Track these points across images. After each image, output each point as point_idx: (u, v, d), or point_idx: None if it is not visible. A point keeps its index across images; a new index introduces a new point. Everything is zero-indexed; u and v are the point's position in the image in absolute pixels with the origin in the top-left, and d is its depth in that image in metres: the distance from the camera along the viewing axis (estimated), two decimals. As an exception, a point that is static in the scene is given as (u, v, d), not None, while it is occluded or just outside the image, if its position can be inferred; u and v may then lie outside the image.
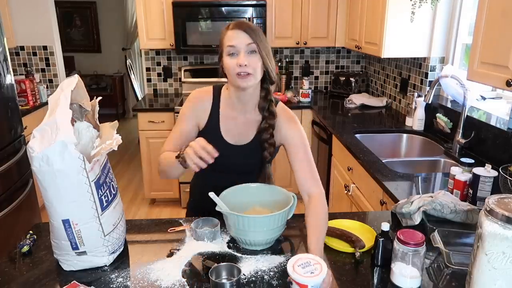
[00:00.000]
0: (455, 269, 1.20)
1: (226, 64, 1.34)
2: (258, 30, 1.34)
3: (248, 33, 1.31)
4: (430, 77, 2.78)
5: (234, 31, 1.32)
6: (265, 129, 1.41)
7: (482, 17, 1.64)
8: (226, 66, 1.34)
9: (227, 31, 1.35)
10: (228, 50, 1.32)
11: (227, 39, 1.33)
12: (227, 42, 1.33)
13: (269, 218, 1.25)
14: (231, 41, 1.31)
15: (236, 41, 1.31)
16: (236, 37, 1.31)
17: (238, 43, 1.31)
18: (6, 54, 2.75)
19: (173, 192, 3.72)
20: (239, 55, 1.31)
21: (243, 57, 1.30)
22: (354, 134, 2.64)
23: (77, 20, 6.98)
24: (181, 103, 3.60)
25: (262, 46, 1.33)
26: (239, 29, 1.32)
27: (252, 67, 1.32)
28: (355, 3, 3.32)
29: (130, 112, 7.19)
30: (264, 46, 1.33)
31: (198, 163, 1.18)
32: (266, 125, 1.41)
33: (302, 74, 4.12)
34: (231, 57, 1.32)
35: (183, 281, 1.15)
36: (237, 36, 1.31)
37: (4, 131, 2.74)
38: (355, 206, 2.36)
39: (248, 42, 1.31)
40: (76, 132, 1.22)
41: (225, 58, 1.34)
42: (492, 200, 0.98)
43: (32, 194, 3.01)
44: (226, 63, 1.34)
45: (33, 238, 1.35)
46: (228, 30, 1.34)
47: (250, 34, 1.31)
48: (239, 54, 1.31)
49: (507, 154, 1.92)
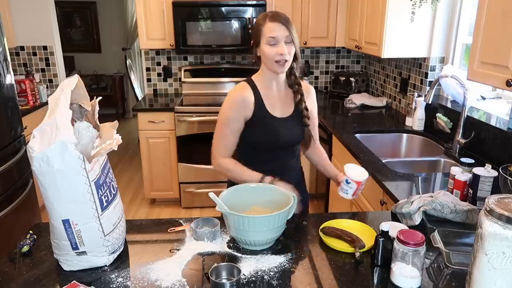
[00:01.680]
0: (455, 269, 1.20)
1: (266, 52, 1.51)
2: (291, 22, 1.52)
3: (286, 26, 1.49)
4: (430, 77, 2.77)
5: (274, 24, 1.49)
6: (300, 98, 1.63)
7: (482, 17, 1.64)
8: (265, 53, 1.51)
9: (266, 22, 1.50)
10: (268, 40, 1.49)
11: (268, 30, 1.49)
12: (268, 33, 1.49)
13: (269, 218, 1.25)
14: (273, 33, 1.48)
15: (276, 33, 1.48)
16: (277, 29, 1.48)
17: (278, 35, 1.48)
18: (6, 54, 2.75)
19: (173, 192, 3.72)
20: (279, 45, 1.49)
21: (284, 47, 1.49)
22: (354, 134, 2.64)
23: (77, 20, 6.98)
24: (181, 103, 3.60)
25: (295, 36, 1.51)
26: (279, 22, 1.48)
27: (289, 55, 1.51)
28: (355, 3, 3.32)
29: (130, 112, 7.19)
30: (296, 36, 1.52)
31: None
32: (298, 94, 1.63)
33: (302, 74, 4.11)
34: (271, 47, 1.50)
35: (183, 281, 1.15)
36: (278, 29, 1.48)
37: (4, 131, 2.74)
38: (355, 206, 2.36)
39: (286, 34, 1.49)
40: (76, 132, 1.22)
41: (265, 47, 1.51)
42: (492, 200, 0.98)
43: (32, 194, 3.01)
44: (266, 51, 1.51)
45: (33, 238, 1.35)
46: (268, 22, 1.50)
47: (288, 27, 1.49)
48: (278, 44, 1.49)
49: (507, 154, 1.92)
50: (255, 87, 1.61)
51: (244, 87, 1.61)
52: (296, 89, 1.63)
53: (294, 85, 1.63)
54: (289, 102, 1.64)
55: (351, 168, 1.54)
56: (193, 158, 3.56)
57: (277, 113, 1.62)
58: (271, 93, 1.62)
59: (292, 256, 1.28)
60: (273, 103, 1.62)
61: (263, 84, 1.61)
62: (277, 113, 1.62)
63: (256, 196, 1.45)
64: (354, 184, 1.50)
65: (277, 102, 1.63)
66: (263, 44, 1.51)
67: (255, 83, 1.62)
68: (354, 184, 1.50)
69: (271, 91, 1.62)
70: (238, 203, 1.40)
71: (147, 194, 3.76)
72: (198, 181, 3.60)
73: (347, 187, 1.52)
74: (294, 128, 1.64)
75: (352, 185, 1.51)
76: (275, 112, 1.61)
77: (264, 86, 1.61)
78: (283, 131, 1.61)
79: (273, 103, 1.62)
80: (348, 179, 1.50)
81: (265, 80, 1.61)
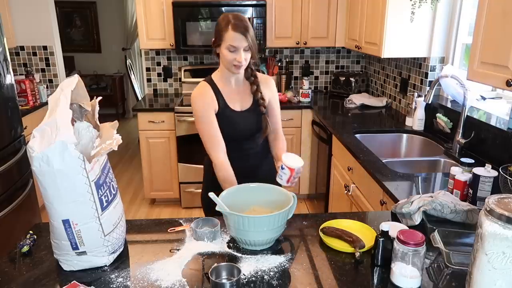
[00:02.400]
0: (455, 269, 1.20)
1: (225, 56, 1.64)
2: (250, 29, 1.63)
3: (246, 37, 1.61)
4: (430, 77, 2.78)
5: (236, 34, 1.60)
6: (255, 89, 1.76)
7: (482, 17, 1.64)
8: (225, 57, 1.64)
9: (229, 30, 1.60)
10: (228, 47, 1.62)
11: (229, 39, 1.61)
12: (229, 41, 1.61)
13: (269, 218, 1.25)
14: (233, 42, 1.60)
15: (236, 43, 1.61)
16: (237, 39, 1.60)
17: (238, 45, 1.61)
18: (6, 54, 2.75)
19: (173, 192, 3.72)
20: (237, 53, 1.62)
21: (241, 56, 1.62)
22: (354, 134, 2.64)
23: (77, 20, 6.98)
24: (181, 103, 3.60)
25: (253, 45, 1.64)
26: (240, 33, 1.60)
27: (246, 61, 1.65)
28: (355, 3, 3.32)
29: (130, 112, 7.19)
30: (254, 43, 1.65)
31: None
32: (254, 85, 1.77)
33: (302, 74, 4.12)
34: (231, 52, 1.63)
35: (183, 281, 1.15)
36: (238, 39, 1.60)
37: (4, 131, 2.74)
38: (355, 206, 2.36)
39: (245, 44, 1.62)
40: (76, 132, 1.22)
41: (225, 51, 1.63)
42: (492, 200, 0.98)
43: (32, 194, 3.01)
44: (225, 55, 1.64)
45: (33, 238, 1.35)
46: (231, 30, 1.60)
47: (247, 38, 1.61)
48: (237, 52, 1.62)
49: (507, 154, 1.92)
50: (215, 85, 1.74)
51: (204, 85, 1.74)
52: (252, 80, 1.76)
53: (250, 77, 1.77)
54: (248, 94, 1.78)
55: (289, 157, 1.63)
56: (193, 158, 3.56)
57: (237, 107, 1.75)
58: (230, 89, 1.76)
59: (292, 256, 1.28)
60: (233, 98, 1.75)
61: (222, 81, 1.75)
62: (237, 106, 1.76)
63: (256, 196, 1.45)
64: (287, 170, 1.60)
65: (236, 96, 1.76)
66: (223, 48, 1.63)
67: (215, 82, 1.75)
68: (287, 171, 1.60)
69: (230, 87, 1.76)
70: (238, 203, 1.40)
71: (147, 194, 3.76)
72: (198, 181, 3.59)
73: (282, 173, 1.62)
74: (253, 118, 1.77)
75: (286, 171, 1.60)
76: (235, 106, 1.75)
77: (223, 83, 1.75)
78: (243, 123, 1.76)
79: (233, 98, 1.75)
80: (283, 165, 1.60)
81: (224, 77, 1.75)
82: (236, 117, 1.74)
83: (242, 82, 1.79)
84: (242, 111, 1.76)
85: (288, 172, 1.60)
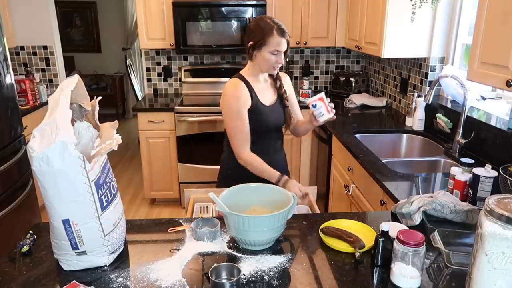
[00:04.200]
0: (455, 269, 1.20)
1: (267, 59, 1.74)
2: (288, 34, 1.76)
3: (288, 41, 1.74)
4: (430, 77, 2.78)
5: (283, 39, 1.71)
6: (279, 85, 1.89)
7: (482, 17, 1.64)
8: (266, 60, 1.74)
9: (275, 35, 1.70)
10: (273, 51, 1.72)
11: (276, 44, 1.70)
12: (275, 46, 1.71)
13: (269, 218, 1.25)
14: (279, 47, 1.71)
15: (281, 47, 1.72)
16: (282, 44, 1.71)
17: (282, 49, 1.72)
18: (6, 54, 2.75)
19: (173, 192, 3.72)
20: (279, 56, 1.73)
21: (282, 58, 1.75)
22: (354, 134, 2.64)
23: (77, 20, 6.98)
24: (181, 103, 3.60)
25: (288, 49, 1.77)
26: (286, 38, 1.72)
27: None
28: (355, 3, 3.32)
29: (130, 112, 7.19)
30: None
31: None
32: (278, 81, 1.90)
33: (302, 74, 4.11)
34: (273, 55, 1.73)
35: (183, 281, 1.15)
36: (283, 44, 1.72)
37: (4, 131, 2.74)
38: (355, 206, 2.36)
39: (286, 48, 1.74)
40: (76, 132, 1.22)
41: (267, 54, 1.73)
42: (492, 200, 0.98)
43: (32, 194, 3.01)
44: (267, 58, 1.73)
45: (33, 238, 1.35)
46: (277, 35, 1.70)
47: (288, 41, 1.74)
48: (279, 55, 1.73)
49: (507, 154, 1.92)
50: (247, 82, 1.81)
51: (238, 82, 1.80)
52: (276, 76, 1.89)
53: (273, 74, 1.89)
54: (273, 90, 1.90)
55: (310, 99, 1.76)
56: (193, 158, 3.56)
57: (266, 102, 1.85)
58: (260, 86, 1.85)
59: (292, 256, 1.28)
60: (263, 93, 1.85)
61: (252, 79, 1.83)
62: (266, 101, 1.85)
63: (256, 196, 1.45)
64: (319, 102, 1.70)
65: (265, 92, 1.86)
66: (265, 51, 1.72)
67: (246, 78, 1.82)
68: (320, 103, 1.70)
69: (259, 83, 1.85)
70: (238, 203, 1.40)
71: (147, 194, 3.76)
72: (198, 181, 3.60)
73: (318, 111, 1.71)
74: (279, 111, 1.89)
75: (319, 104, 1.70)
76: (265, 101, 1.84)
77: (254, 80, 1.83)
78: (272, 115, 1.86)
79: (263, 93, 1.85)
80: (313, 103, 1.70)
81: (254, 75, 1.83)
82: (267, 111, 1.83)
83: (267, 79, 1.90)
84: (270, 105, 1.86)
85: (321, 103, 1.70)
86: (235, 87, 1.79)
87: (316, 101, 1.71)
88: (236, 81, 1.80)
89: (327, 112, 1.72)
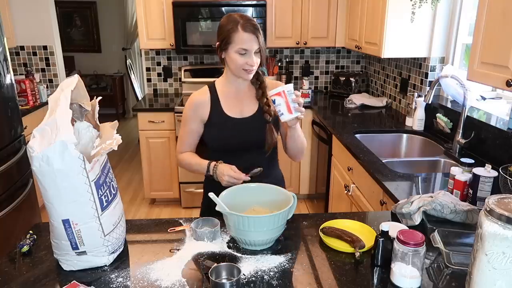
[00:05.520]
0: (455, 269, 1.20)
1: (234, 60, 1.51)
2: (260, 32, 1.52)
3: (257, 37, 1.49)
4: (430, 77, 2.78)
5: (247, 34, 1.47)
6: (261, 95, 1.61)
7: (482, 17, 1.64)
8: (234, 61, 1.51)
9: (239, 31, 1.48)
10: (239, 50, 1.49)
11: (240, 41, 1.48)
12: (240, 43, 1.48)
13: (269, 218, 1.25)
14: (244, 44, 1.48)
15: (248, 45, 1.48)
16: (248, 41, 1.48)
17: (249, 47, 1.48)
18: (6, 54, 2.75)
19: (173, 192, 3.72)
20: (249, 56, 1.50)
21: (253, 59, 1.50)
22: (354, 134, 2.64)
23: (77, 20, 6.98)
24: (181, 103, 3.60)
25: (263, 47, 1.52)
26: (252, 33, 1.48)
27: (256, 64, 1.53)
28: (355, 3, 3.32)
29: (130, 112, 7.19)
30: (264, 46, 1.53)
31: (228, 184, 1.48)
32: (260, 90, 1.62)
33: (302, 74, 4.12)
34: (241, 56, 1.50)
35: (183, 281, 1.15)
36: (250, 40, 1.48)
37: (4, 131, 2.74)
38: (355, 206, 2.36)
39: (257, 47, 1.50)
40: (76, 132, 1.22)
41: (234, 54, 1.50)
42: (492, 200, 0.98)
43: (32, 194, 3.01)
44: (235, 59, 1.51)
45: (33, 238, 1.35)
46: (241, 31, 1.48)
47: (259, 39, 1.49)
48: (249, 55, 1.49)
49: (507, 154, 1.92)
50: (214, 90, 1.64)
51: (203, 89, 1.65)
52: (258, 85, 1.62)
53: (256, 82, 1.62)
54: (253, 100, 1.63)
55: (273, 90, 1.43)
56: (193, 158, 3.56)
57: (235, 114, 1.62)
58: (231, 95, 1.63)
59: (292, 256, 1.28)
60: (232, 104, 1.63)
61: (224, 87, 1.64)
62: (235, 113, 1.62)
63: (256, 196, 1.45)
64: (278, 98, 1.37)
65: (237, 103, 1.63)
66: (232, 51, 1.50)
67: (216, 86, 1.65)
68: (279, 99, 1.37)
69: (231, 92, 1.63)
70: (238, 203, 1.40)
71: (147, 194, 3.76)
72: (198, 181, 3.60)
73: (278, 108, 1.39)
74: (255, 127, 1.60)
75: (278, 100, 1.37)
76: (232, 112, 1.61)
77: (225, 88, 1.64)
78: (243, 130, 1.61)
79: (232, 104, 1.63)
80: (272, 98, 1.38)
81: (227, 82, 1.63)
82: (230, 125, 1.60)
83: (247, 87, 1.64)
84: (241, 118, 1.61)
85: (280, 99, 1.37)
86: (196, 94, 1.65)
87: (274, 96, 1.39)
88: (203, 88, 1.65)
89: (288, 111, 1.39)
